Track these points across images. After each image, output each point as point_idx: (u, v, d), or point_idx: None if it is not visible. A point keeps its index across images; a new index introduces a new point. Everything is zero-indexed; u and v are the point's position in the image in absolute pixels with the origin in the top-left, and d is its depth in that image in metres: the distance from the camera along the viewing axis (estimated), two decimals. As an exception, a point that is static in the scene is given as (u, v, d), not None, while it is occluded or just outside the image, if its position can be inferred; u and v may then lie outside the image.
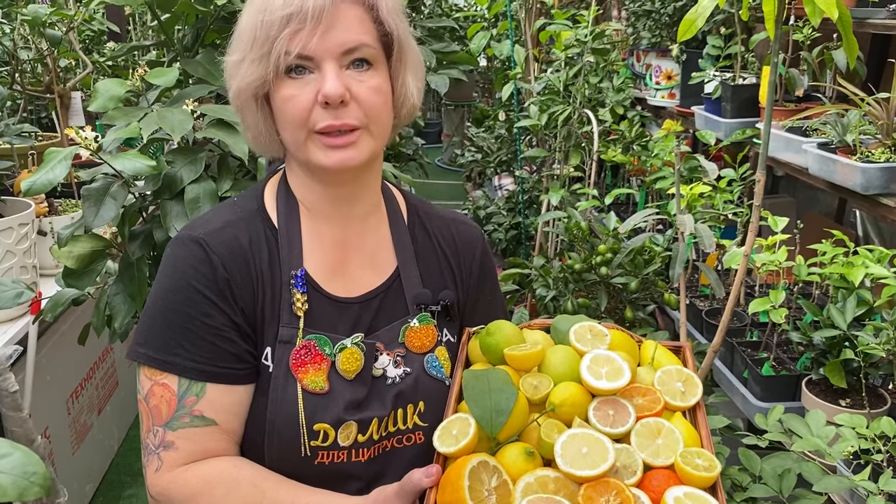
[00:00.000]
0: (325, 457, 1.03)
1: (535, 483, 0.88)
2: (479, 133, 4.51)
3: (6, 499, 0.50)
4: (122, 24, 3.68)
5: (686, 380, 1.05)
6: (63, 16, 2.33)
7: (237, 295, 1.02)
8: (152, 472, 1.01)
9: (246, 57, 0.99)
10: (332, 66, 0.96)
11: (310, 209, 1.09)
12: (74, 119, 2.66)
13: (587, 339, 1.05)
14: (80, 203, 2.40)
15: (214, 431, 1.01)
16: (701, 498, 0.87)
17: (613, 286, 2.08)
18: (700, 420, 1.01)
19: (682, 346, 1.15)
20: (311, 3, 0.94)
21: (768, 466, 1.39)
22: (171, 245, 1.06)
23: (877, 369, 1.59)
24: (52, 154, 1.21)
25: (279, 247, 1.06)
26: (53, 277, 2.23)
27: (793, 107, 2.35)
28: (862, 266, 1.63)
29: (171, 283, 1.02)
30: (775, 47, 1.42)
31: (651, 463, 0.93)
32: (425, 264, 1.15)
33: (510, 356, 1.03)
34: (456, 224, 1.22)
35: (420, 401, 1.08)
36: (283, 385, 1.02)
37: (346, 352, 1.04)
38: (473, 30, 3.23)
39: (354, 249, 1.11)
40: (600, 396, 0.98)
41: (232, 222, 1.06)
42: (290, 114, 0.98)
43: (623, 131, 2.75)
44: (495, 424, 0.91)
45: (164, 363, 1.01)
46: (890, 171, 1.80)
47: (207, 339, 1.01)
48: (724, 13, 2.63)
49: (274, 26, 0.95)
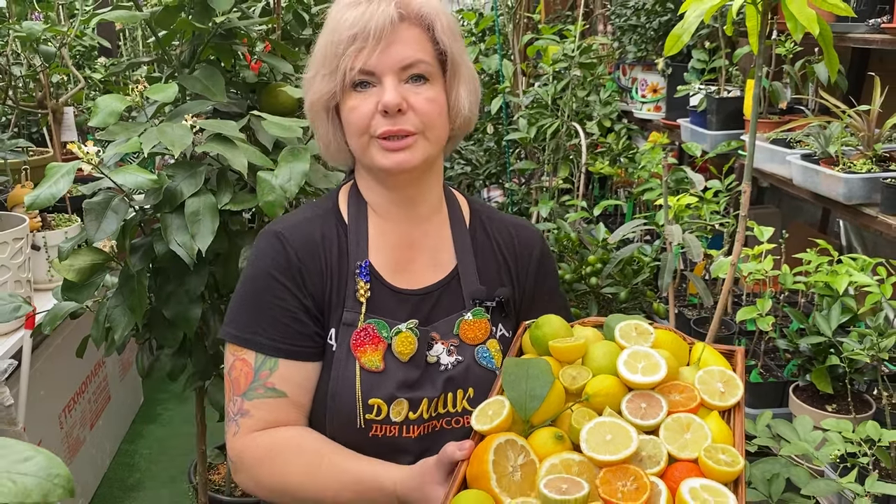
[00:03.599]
0: (378, 430, 1.13)
1: (559, 464, 0.92)
2: (467, 146, 4.54)
3: (30, 500, 0.52)
4: (112, 39, 3.70)
5: (728, 381, 1.06)
6: (57, 32, 2.35)
7: (308, 282, 1.14)
8: (231, 436, 1.14)
9: (318, 73, 1.12)
10: (392, 80, 1.08)
11: (377, 211, 1.20)
12: (67, 134, 2.67)
13: (632, 336, 1.09)
14: (73, 217, 2.41)
15: (285, 403, 1.14)
16: (717, 490, 0.89)
17: (603, 296, 2.12)
18: (737, 421, 1.03)
19: (736, 350, 1.17)
20: (373, 24, 1.06)
21: (757, 471, 1.42)
22: (257, 238, 1.20)
23: (862, 375, 1.63)
24: (55, 169, 1.23)
25: (348, 241, 1.18)
26: (46, 292, 2.25)
27: (776, 119, 2.40)
28: (846, 274, 1.67)
29: (253, 271, 1.16)
30: (759, 61, 1.46)
31: (677, 455, 0.95)
32: (484, 263, 1.25)
33: (554, 348, 1.09)
34: (516, 227, 1.31)
35: (470, 387, 1.17)
36: (343, 363, 1.13)
37: (401, 335, 1.15)
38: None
39: (417, 248, 1.21)
40: (636, 390, 1.02)
41: (308, 219, 1.19)
42: (355, 121, 1.11)
43: (610, 144, 2.79)
44: (529, 408, 0.97)
45: (245, 340, 1.14)
46: (871, 181, 1.84)
47: (282, 320, 1.13)
48: (708, 28, 2.69)
49: (341, 45, 1.08)
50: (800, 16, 1.30)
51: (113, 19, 1.50)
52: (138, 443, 3.23)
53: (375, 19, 1.07)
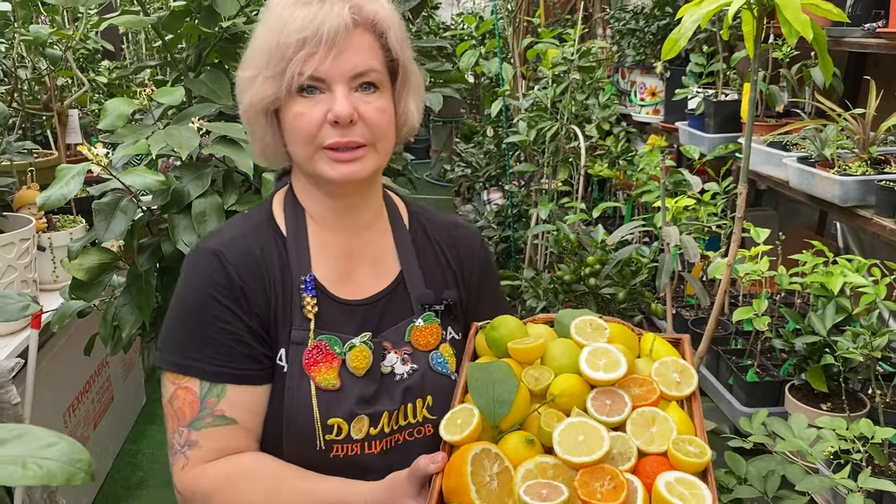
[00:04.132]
0: (339, 450, 1.09)
1: (534, 469, 0.93)
2: (467, 149, 4.58)
3: (55, 483, 0.55)
4: (116, 43, 3.72)
5: (682, 371, 1.08)
6: (62, 35, 2.38)
7: (252, 301, 1.08)
8: (179, 470, 1.08)
9: (260, 74, 1.05)
10: (343, 88, 1.03)
11: (316, 219, 1.15)
12: (72, 136, 2.70)
13: (587, 333, 1.09)
14: (78, 219, 2.44)
15: (236, 430, 1.08)
16: (691, 482, 0.91)
17: (602, 296, 2.14)
18: (695, 409, 1.05)
19: (681, 338, 1.19)
20: (325, 29, 1.00)
21: (753, 468, 1.44)
22: (189, 257, 1.13)
23: (856, 374, 1.65)
24: (65, 170, 1.26)
25: (288, 254, 1.12)
26: (51, 292, 2.27)
27: (773, 122, 2.43)
28: (840, 275, 1.70)
29: (190, 293, 1.09)
30: (755, 65, 1.49)
31: (645, 450, 0.96)
32: (428, 267, 1.22)
33: (513, 349, 1.07)
34: (456, 228, 1.29)
35: (428, 395, 1.14)
36: (297, 383, 1.08)
37: (355, 350, 1.11)
38: (462, 48, 3.31)
39: (359, 257, 1.17)
40: (598, 387, 1.02)
41: (244, 233, 1.12)
42: (301, 130, 1.05)
43: (609, 146, 2.82)
44: (497, 414, 0.96)
45: (186, 367, 1.07)
46: (866, 183, 1.87)
47: (226, 343, 1.07)
48: (706, 32, 2.72)
49: (290, 48, 1.01)
50: (794, 21, 1.32)
51: (121, 24, 1.53)
52: (141, 442, 3.25)
53: (329, 23, 1.01)
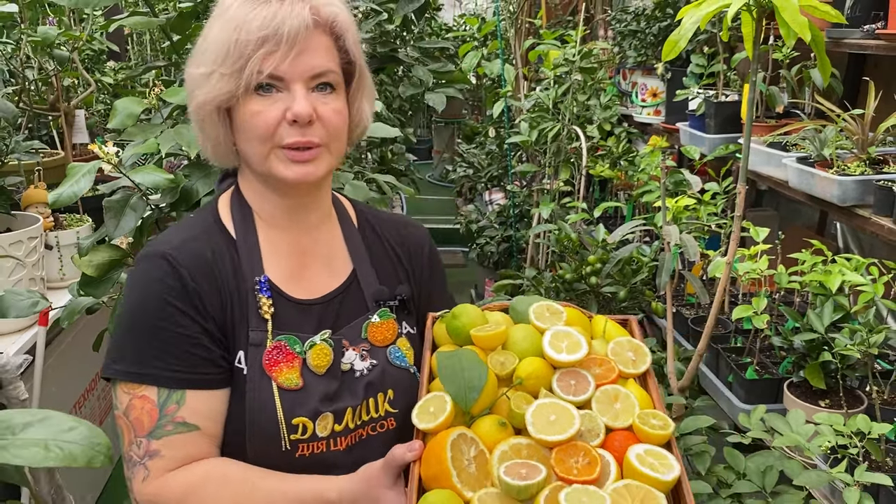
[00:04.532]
0: (305, 449, 1.09)
1: (509, 450, 0.96)
2: (469, 149, 4.60)
3: (76, 464, 0.57)
4: (121, 44, 3.75)
5: (636, 349, 1.13)
6: (70, 36, 2.41)
7: (207, 304, 1.07)
8: (139, 483, 1.05)
9: (216, 71, 1.04)
10: (301, 88, 1.04)
11: (265, 219, 1.15)
12: (78, 136, 2.73)
13: (546, 317, 1.13)
14: (84, 218, 2.47)
15: (198, 436, 1.06)
16: (659, 453, 0.96)
17: (603, 295, 2.16)
18: (651, 385, 1.10)
19: (629, 319, 1.24)
20: (286, 28, 1.01)
21: (752, 464, 1.46)
22: (137, 263, 1.11)
23: (854, 371, 1.67)
24: (76, 168, 1.29)
25: (239, 256, 1.11)
26: (58, 290, 2.30)
27: (773, 123, 2.45)
28: (839, 273, 1.72)
29: (141, 299, 1.07)
30: (754, 66, 1.51)
31: (612, 426, 1.01)
32: (379, 264, 1.23)
33: (476, 336, 1.10)
34: (405, 226, 1.31)
35: (389, 389, 1.16)
36: (258, 385, 1.07)
37: (315, 348, 1.11)
38: (465, 49, 3.33)
39: (311, 255, 1.17)
40: (562, 368, 1.06)
41: (194, 236, 1.11)
42: (257, 128, 1.04)
43: (610, 147, 2.85)
44: (469, 400, 0.99)
45: (142, 376, 1.05)
46: (864, 183, 1.89)
47: (182, 348, 1.05)
48: (706, 33, 2.74)
49: (249, 46, 1.01)
50: (792, 23, 1.35)
51: (130, 24, 1.56)
52: (145, 440, 3.27)
53: (289, 23, 1.01)
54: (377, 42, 2.25)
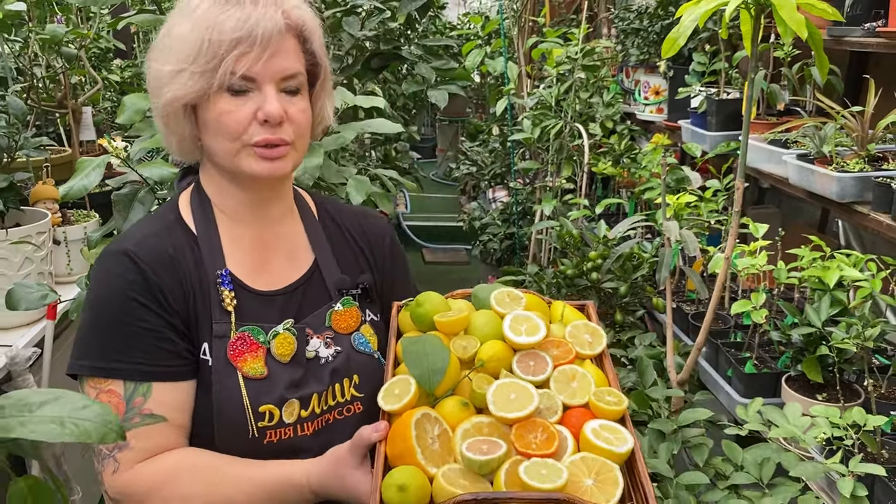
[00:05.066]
0: (272, 435, 1.11)
1: (471, 428, 1.00)
2: (473, 147, 4.63)
3: (90, 440, 0.60)
4: (127, 42, 3.79)
5: (592, 332, 1.18)
6: (78, 34, 2.44)
7: (169, 298, 1.10)
8: (110, 475, 1.07)
9: (186, 69, 1.06)
10: (272, 89, 1.07)
11: (227, 214, 1.18)
12: (85, 133, 2.76)
13: (506, 303, 1.17)
14: (91, 213, 2.50)
15: (165, 427, 1.08)
16: (613, 428, 1.01)
17: (604, 290, 2.19)
18: (606, 365, 1.15)
19: (586, 304, 1.29)
20: (260, 31, 1.04)
21: (749, 456, 1.49)
22: (98, 261, 1.13)
23: (851, 365, 1.69)
24: (86, 162, 1.32)
25: (200, 251, 1.14)
26: (66, 285, 2.33)
27: (774, 120, 2.47)
28: (837, 269, 1.74)
29: (104, 296, 1.10)
30: (752, 63, 1.53)
31: (569, 403, 1.06)
32: (341, 254, 1.26)
33: (440, 322, 1.14)
34: (365, 216, 1.34)
35: (354, 374, 1.19)
36: (224, 376, 1.10)
37: (279, 338, 1.14)
38: (468, 47, 3.35)
39: (272, 248, 1.20)
40: (521, 350, 1.10)
41: (154, 232, 1.14)
42: (228, 126, 1.07)
43: (613, 144, 2.87)
44: (433, 382, 1.03)
45: (107, 370, 1.07)
46: (863, 180, 1.90)
47: (146, 341, 1.08)
48: (708, 31, 2.76)
49: (223, 46, 1.04)
50: (789, 20, 1.37)
51: (137, 22, 1.59)
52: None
53: (263, 25, 1.04)
54: (381, 40, 2.27)
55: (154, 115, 1.15)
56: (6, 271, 2.01)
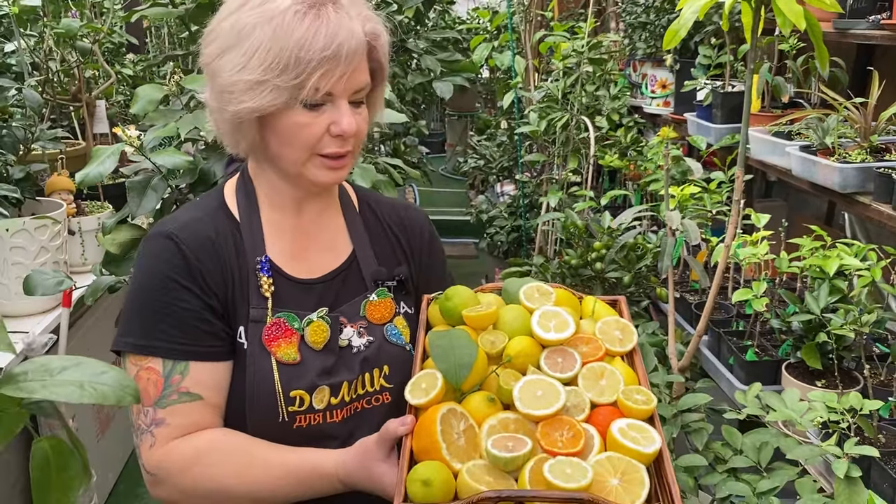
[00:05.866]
0: (302, 420, 1.14)
1: (498, 425, 1.00)
2: (481, 141, 4.65)
3: (107, 402, 0.64)
4: (140, 37, 3.84)
5: (623, 329, 1.17)
6: (92, 28, 2.48)
7: (209, 281, 1.12)
8: (146, 449, 1.10)
9: (269, 82, 1.04)
10: (345, 103, 1.09)
11: (271, 204, 1.20)
12: (99, 126, 2.82)
13: (535, 298, 1.17)
14: (105, 205, 2.55)
15: (201, 406, 1.11)
16: (641, 427, 1.00)
17: (608, 280, 2.21)
18: (637, 362, 1.13)
19: (618, 300, 1.28)
20: (345, 50, 1.04)
21: (748, 440, 1.51)
22: (143, 243, 1.16)
23: (850, 352, 1.72)
24: (101, 150, 1.36)
25: (242, 237, 1.17)
26: (80, 275, 2.38)
27: (779, 112, 2.48)
28: (837, 258, 1.76)
29: (147, 277, 1.13)
30: (751, 55, 1.56)
31: (597, 401, 1.05)
32: (379, 246, 1.28)
33: (468, 317, 1.14)
34: (404, 209, 1.36)
35: (384, 365, 1.20)
36: (258, 359, 1.12)
37: (313, 325, 1.16)
38: (476, 41, 3.38)
39: (312, 237, 1.22)
40: (550, 347, 1.10)
41: (197, 218, 1.16)
42: (302, 139, 1.09)
43: (619, 137, 2.89)
44: (459, 377, 1.03)
45: (148, 348, 1.10)
46: (865, 170, 1.92)
47: (186, 321, 1.11)
48: (714, 25, 2.77)
49: (311, 64, 1.03)
50: (788, 12, 1.39)
51: (151, 15, 1.63)
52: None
53: (348, 45, 1.04)
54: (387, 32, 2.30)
55: (216, 115, 1.14)
56: (23, 260, 2.07)
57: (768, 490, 1.39)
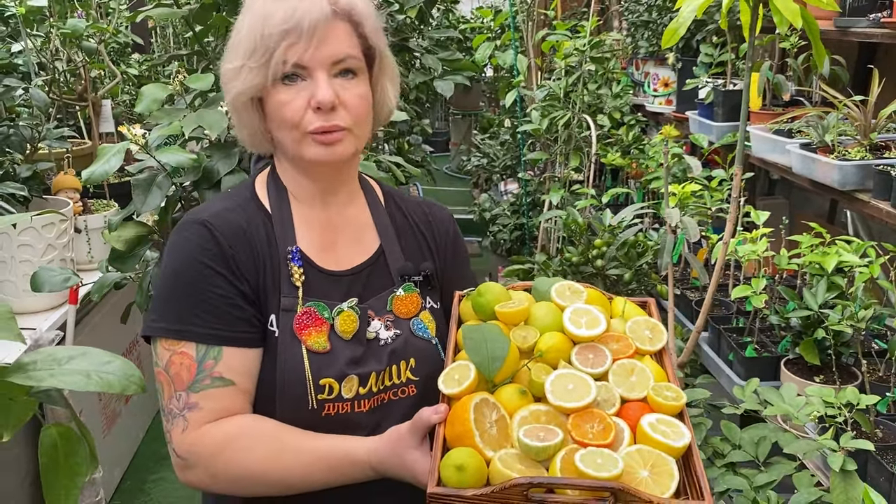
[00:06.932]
0: (330, 408, 1.15)
1: (529, 416, 1.01)
2: (484, 139, 4.67)
3: (112, 391, 0.66)
4: (145, 37, 3.87)
5: (653, 328, 1.18)
6: (98, 28, 2.51)
7: (242, 268, 1.14)
8: (179, 433, 1.10)
9: (245, 65, 1.10)
10: (323, 75, 1.10)
11: (299, 199, 1.22)
12: (105, 125, 2.84)
13: (567, 296, 1.19)
14: (111, 203, 2.57)
15: (233, 391, 1.12)
16: (670, 422, 1.01)
17: (609, 277, 2.23)
18: (666, 361, 1.15)
19: (647, 301, 1.30)
20: (306, 20, 1.07)
21: (747, 435, 1.52)
22: (176, 230, 1.17)
23: (848, 348, 1.73)
24: (107, 149, 1.38)
25: (273, 228, 1.19)
26: (87, 272, 2.41)
27: (780, 111, 2.49)
28: (835, 254, 1.77)
29: (180, 262, 1.14)
30: (749, 52, 1.57)
31: (627, 396, 1.06)
32: (405, 241, 1.30)
33: (500, 312, 1.15)
34: (429, 206, 1.37)
35: (411, 358, 1.21)
36: (289, 347, 1.14)
37: (343, 315, 1.17)
38: (479, 40, 3.40)
39: (340, 231, 1.24)
40: (581, 343, 1.11)
41: (230, 208, 1.18)
42: (286, 116, 1.11)
43: (621, 136, 2.90)
44: (492, 369, 1.04)
45: (182, 332, 1.11)
46: (864, 168, 1.94)
47: (220, 307, 1.12)
48: (715, 23, 2.78)
49: (273, 38, 1.08)
50: (784, 10, 1.40)
51: (156, 15, 1.65)
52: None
53: (309, 16, 1.07)
54: (388, 32, 2.32)
55: (230, 114, 1.21)
56: (30, 257, 2.09)
57: (766, 484, 1.40)
